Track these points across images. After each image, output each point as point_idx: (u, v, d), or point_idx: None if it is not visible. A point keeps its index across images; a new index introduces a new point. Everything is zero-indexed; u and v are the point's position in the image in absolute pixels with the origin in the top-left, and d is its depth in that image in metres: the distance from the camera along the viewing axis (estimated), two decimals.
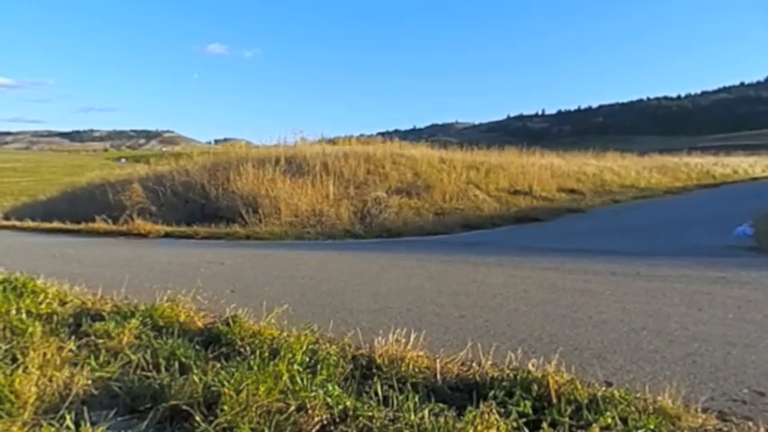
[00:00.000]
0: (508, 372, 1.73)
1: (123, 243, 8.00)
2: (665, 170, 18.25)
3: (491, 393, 1.58)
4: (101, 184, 12.86)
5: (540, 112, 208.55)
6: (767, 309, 2.77)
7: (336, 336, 2.31)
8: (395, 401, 1.56)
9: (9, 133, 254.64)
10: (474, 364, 1.91)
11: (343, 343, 2.14)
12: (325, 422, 1.47)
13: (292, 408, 1.50)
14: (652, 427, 1.39)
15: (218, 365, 1.81)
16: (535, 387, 1.59)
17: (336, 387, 1.64)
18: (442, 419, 1.42)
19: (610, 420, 1.40)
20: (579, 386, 1.58)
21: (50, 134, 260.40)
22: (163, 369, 1.83)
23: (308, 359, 1.85)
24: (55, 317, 2.56)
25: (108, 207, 10.79)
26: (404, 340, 2.02)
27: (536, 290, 3.40)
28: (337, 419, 1.49)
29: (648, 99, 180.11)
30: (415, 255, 5.38)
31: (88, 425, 1.45)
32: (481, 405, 1.48)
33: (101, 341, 2.17)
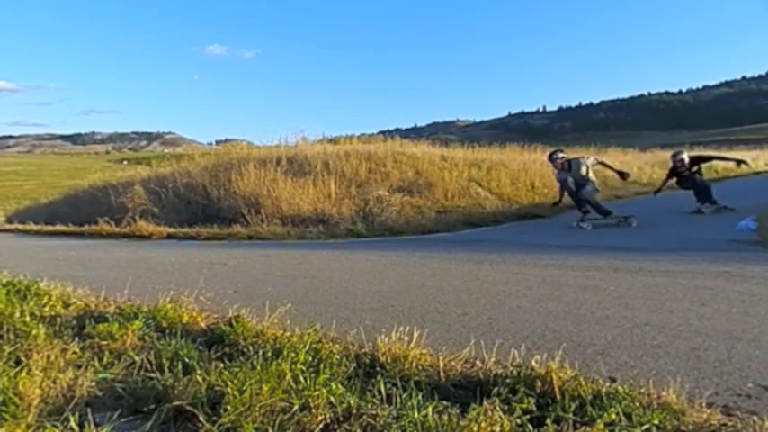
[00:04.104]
0: (511, 369, 1.73)
1: (126, 245, 8.02)
2: (666, 165, 18.12)
3: (494, 390, 1.58)
4: (103, 187, 12.90)
5: (541, 109, 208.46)
6: None
7: (339, 335, 2.32)
8: (398, 399, 1.56)
9: (11, 137, 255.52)
10: (477, 362, 1.90)
11: (346, 342, 2.14)
12: (328, 421, 1.47)
13: (296, 407, 1.50)
14: (656, 422, 1.38)
15: (222, 366, 1.82)
16: (539, 384, 1.58)
17: (340, 386, 1.64)
18: (445, 417, 1.41)
19: (614, 416, 1.40)
20: (583, 382, 1.58)
21: (52, 137, 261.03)
22: (166, 370, 1.84)
23: (311, 358, 1.85)
24: (58, 319, 2.57)
25: (110, 209, 10.83)
26: (407, 338, 2.02)
27: (539, 287, 3.39)
28: (341, 418, 1.48)
29: (650, 94, 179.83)
30: (418, 253, 5.37)
31: (92, 426, 1.46)
32: (485, 402, 1.48)
33: (104, 343, 2.18)
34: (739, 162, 8.96)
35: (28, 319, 2.50)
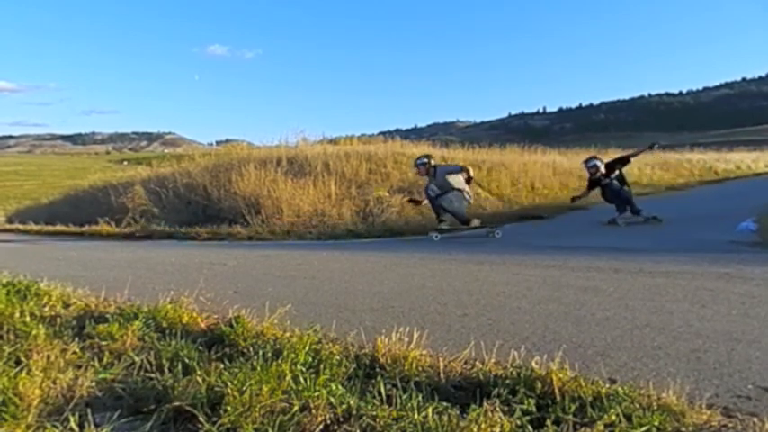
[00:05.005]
0: (512, 370, 1.73)
1: (126, 245, 8.02)
2: (667, 167, 18.19)
3: (495, 391, 1.58)
4: (103, 187, 12.92)
5: (541, 110, 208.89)
6: None
7: (339, 335, 2.31)
8: (398, 400, 1.56)
9: (11, 137, 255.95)
10: (477, 363, 1.90)
11: (346, 342, 2.14)
12: (328, 421, 1.47)
13: (296, 407, 1.50)
14: (656, 423, 1.38)
15: (222, 366, 1.82)
16: (539, 385, 1.58)
17: (340, 386, 1.64)
18: (445, 418, 1.41)
19: (614, 417, 1.40)
20: (583, 383, 1.58)
21: (53, 137, 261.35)
22: (166, 370, 1.83)
23: (311, 359, 1.85)
24: (58, 319, 2.57)
25: (111, 209, 10.85)
26: (407, 339, 2.02)
27: (539, 287, 3.39)
28: (341, 419, 1.48)
29: (650, 95, 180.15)
30: (418, 254, 5.37)
31: (92, 426, 1.46)
32: (485, 403, 1.47)
33: (104, 343, 2.18)
34: (651, 147, 7.88)
35: (28, 319, 2.50)
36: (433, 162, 6.91)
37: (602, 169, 7.19)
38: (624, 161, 7.33)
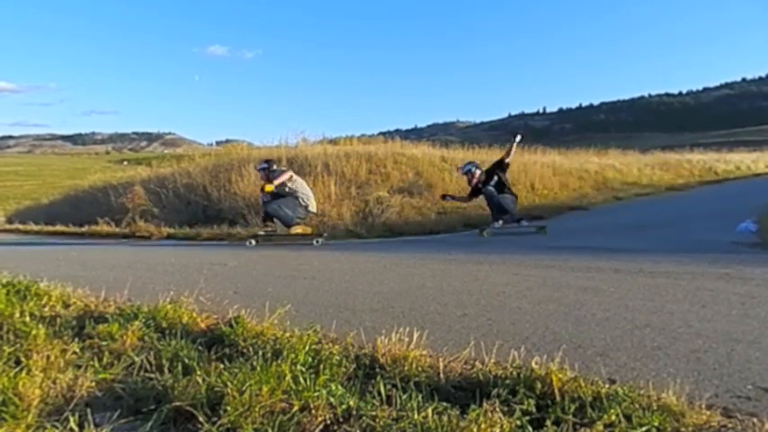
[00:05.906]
0: (511, 370, 1.73)
1: (126, 245, 8.02)
2: (667, 167, 18.20)
3: (494, 392, 1.57)
4: (103, 187, 12.94)
5: (541, 110, 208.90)
6: None
7: (339, 336, 2.31)
8: (398, 401, 1.56)
9: (11, 137, 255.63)
10: (477, 363, 1.90)
11: (346, 343, 2.14)
12: (328, 422, 1.47)
13: (296, 408, 1.50)
14: (656, 423, 1.38)
15: (222, 366, 1.81)
16: (539, 385, 1.58)
17: (339, 387, 1.64)
18: (445, 418, 1.41)
19: (614, 417, 1.40)
20: (583, 384, 1.58)
21: (53, 137, 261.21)
22: (166, 370, 1.83)
23: (310, 359, 1.85)
24: (58, 319, 2.57)
25: (110, 209, 10.86)
26: (407, 339, 2.02)
27: (539, 288, 3.39)
28: (341, 419, 1.48)
29: (650, 96, 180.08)
30: (418, 254, 5.38)
31: (92, 427, 1.46)
32: (485, 403, 1.47)
33: (104, 343, 2.18)
34: (514, 137, 7.20)
35: (28, 319, 2.50)
36: (274, 167, 6.87)
37: (479, 176, 6.95)
38: (502, 165, 7.02)
